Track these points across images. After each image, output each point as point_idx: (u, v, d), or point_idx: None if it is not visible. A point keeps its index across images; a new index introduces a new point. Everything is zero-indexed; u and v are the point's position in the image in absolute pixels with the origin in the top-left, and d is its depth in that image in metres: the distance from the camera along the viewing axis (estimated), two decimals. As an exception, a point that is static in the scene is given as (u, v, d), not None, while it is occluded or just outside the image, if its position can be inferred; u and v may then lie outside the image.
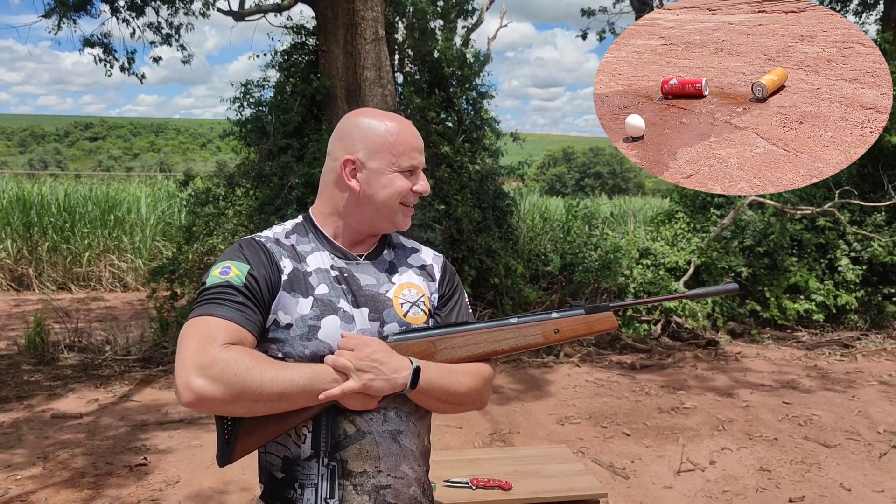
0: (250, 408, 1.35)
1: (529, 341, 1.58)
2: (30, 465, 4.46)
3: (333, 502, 1.44)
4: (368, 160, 1.52)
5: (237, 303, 1.40)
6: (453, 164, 7.59)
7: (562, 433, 5.10)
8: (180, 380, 1.32)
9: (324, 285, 1.50)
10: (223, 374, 1.30)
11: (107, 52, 10.03)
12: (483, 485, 2.48)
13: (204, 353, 1.32)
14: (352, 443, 1.45)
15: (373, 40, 7.48)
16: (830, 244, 8.64)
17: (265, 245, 1.51)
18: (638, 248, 8.64)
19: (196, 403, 1.32)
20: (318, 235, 1.57)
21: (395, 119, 1.56)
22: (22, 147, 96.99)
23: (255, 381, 1.32)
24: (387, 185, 1.52)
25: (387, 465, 1.47)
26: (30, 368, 6.66)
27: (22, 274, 11.74)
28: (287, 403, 1.36)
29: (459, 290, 1.70)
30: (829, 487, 4.18)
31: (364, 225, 1.57)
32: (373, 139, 1.52)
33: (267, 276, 1.46)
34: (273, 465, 1.48)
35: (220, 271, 1.44)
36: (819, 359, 7.25)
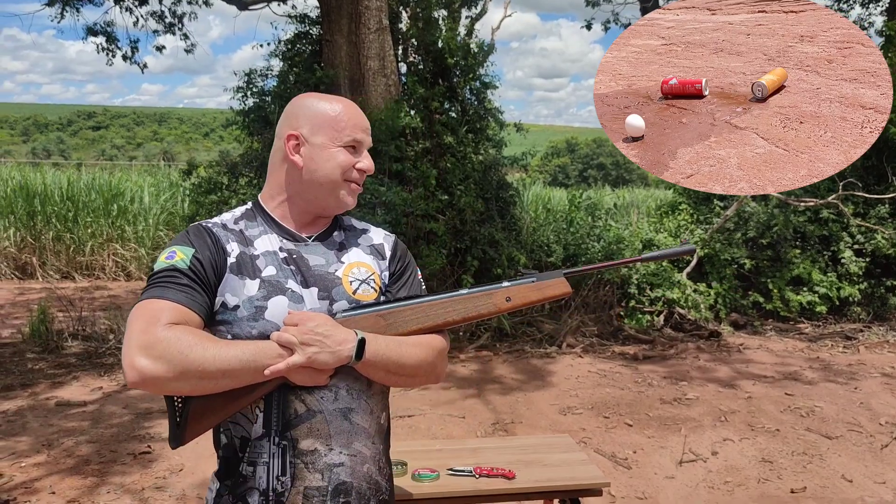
0: (195, 385, 1.37)
1: (481, 311, 1.59)
2: (34, 452, 4.48)
3: (285, 480, 1.45)
4: (311, 135, 1.54)
5: (182, 285, 1.43)
6: (457, 154, 7.58)
7: (564, 423, 5.11)
8: (126, 360, 1.35)
9: (272, 267, 1.52)
10: (166, 353, 1.33)
11: (110, 41, 10.05)
12: (486, 473, 2.49)
13: (147, 334, 1.35)
14: (302, 421, 1.46)
15: (376, 30, 7.46)
16: (834, 236, 8.63)
17: (212, 230, 1.54)
18: (641, 239, 8.63)
19: (141, 383, 1.34)
20: (266, 219, 1.59)
21: (340, 100, 1.59)
22: (25, 136, 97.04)
23: (197, 358, 1.34)
24: (329, 159, 1.54)
25: (339, 443, 1.48)
26: (34, 356, 6.68)
27: (25, 262, 11.76)
28: (232, 380, 1.38)
29: (411, 268, 1.71)
30: (831, 479, 4.19)
31: (310, 204, 1.58)
32: (316, 115, 1.55)
33: (212, 259, 1.48)
34: (229, 444, 1.50)
35: (167, 256, 1.47)
36: (821, 350, 7.26)
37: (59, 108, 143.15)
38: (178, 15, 10.41)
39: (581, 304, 7.88)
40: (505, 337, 7.42)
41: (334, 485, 1.47)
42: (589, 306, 7.93)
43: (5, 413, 5.21)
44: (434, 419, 5.16)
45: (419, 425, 5.03)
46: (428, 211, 7.09)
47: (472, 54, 7.94)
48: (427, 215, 7.11)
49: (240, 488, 1.47)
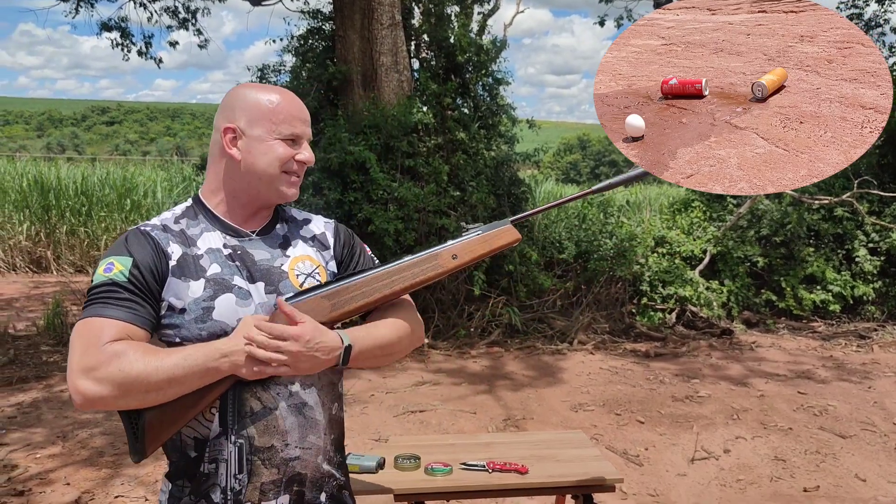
0: (143, 399, 1.36)
1: (428, 273, 1.56)
2: (49, 443, 4.52)
3: (242, 477, 1.45)
4: (249, 128, 1.51)
5: (122, 299, 1.40)
6: (469, 150, 7.57)
7: (575, 420, 5.11)
8: (70, 384, 1.34)
9: (216, 265, 1.50)
10: (109, 373, 1.32)
11: (124, 37, 10.09)
12: (499, 468, 2.49)
13: (87, 356, 1.33)
14: (258, 419, 1.46)
15: (389, 25, 7.46)
16: (848, 234, 8.57)
17: (150, 234, 1.50)
18: (653, 236, 8.61)
19: (87, 405, 1.34)
20: (207, 216, 1.56)
21: (277, 91, 1.55)
22: (40, 131, 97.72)
23: (140, 373, 1.33)
24: (267, 152, 1.51)
25: (294, 438, 1.49)
26: (48, 349, 6.74)
27: (40, 256, 11.85)
28: (179, 387, 1.37)
29: (358, 248, 1.71)
30: (844, 478, 4.17)
31: (251, 197, 1.55)
32: (253, 107, 1.51)
33: (153, 266, 1.45)
34: (186, 445, 1.49)
35: (104, 269, 1.43)
36: (835, 349, 7.21)
37: (74, 104, 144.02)
38: (192, 10, 10.45)
39: (593, 301, 7.86)
40: (516, 333, 7.42)
41: (288, 476, 1.49)
42: (601, 303, 7.92)
43: (20, 405, 5.26)
44: (445, 414, 5.17)
45: (430, 420, 5.04)
46: (440, 207, 7.09)
47: (485, 50, 7.93)
48: (439, 211, 7.11)
49: (202, 486, 1.47)
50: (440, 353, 6.90)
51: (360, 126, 7.10)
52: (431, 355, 6.79)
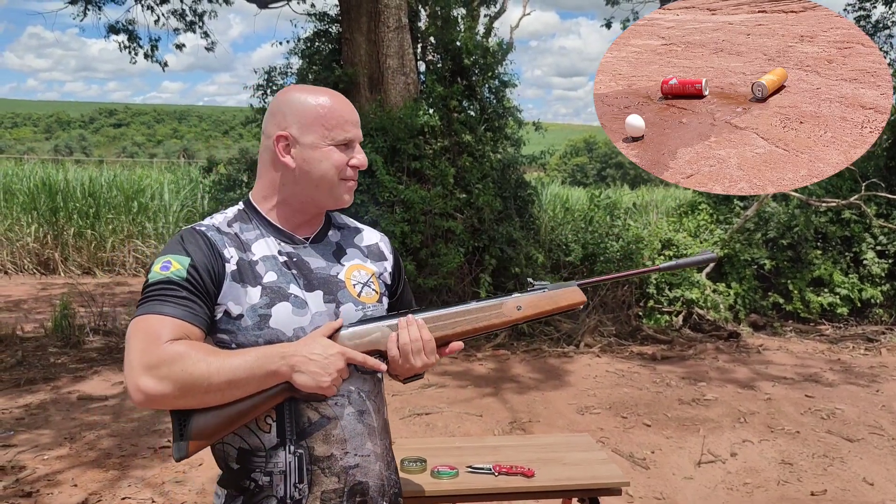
0: (202, 399, 1.35)
1: (492, 321, 1.56)
2: (57, 445, 4.54)
3: (303, 487, 1.45)
4: (301, 135, 1.48)
5: (180, 297, 1.38)
6: (475, 152, 7.58)
7: (582, 423, 5.10)
8: (129, 382, 1.32)
9: (272, 272, 1.48)
10: (170, 372, 1.31)
11: (131, 39, 10.13)
12: (506, 471, 2.49)
13: (149, 353, 1.32)
14: (317, 429, 1.46)
15: (396, 28, 7.47)
16: (856, 237, 8.53)
17: (206, 234, 1.48)
18: (660, 239, 8.59)
19: (147, 403, 1.32)
20: (261, 221, 1.54)
21: (327, 93, 1.52)
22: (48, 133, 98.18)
23: (203, 374, 1.32)
24: (322, 159, 1.48)
25: (353, 446, 1.49)
26: (56, 351, 6.76)
27: (48, 258, 11.91)
28: (238, 390, 1.36)
29: (401, 265, 1.74)
30: (852, 482, 4.15)
31: (306, 204, 1.54)
32: (304, 113, 1.48)
33: (209, 268, 1.43)
34: (229, 456, 1.48)
35: (161, 266, 1.41)
36: (842, 352, 7.19)
37: (82, 106, 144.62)
38: (199, 13, 10.48)
39: (599, 303, 7.85)
40: (522, 336, 7.41)
41: (350, 486, 1.48)
42: (607, 306, 7.91)
43: (28, 406, 5.28)
44: (451, 417, 5.17)
45: (436, 423, 5.04)
46: (446, 209, 7.09)
47: (491, 53, 7.94)
48: (445, 214, 7.12)
49: (256, 497, 1.46)
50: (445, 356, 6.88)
51: (367, 128, 7.11)
52: (437, 358, 6.77)
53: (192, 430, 1.39)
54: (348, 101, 1.55)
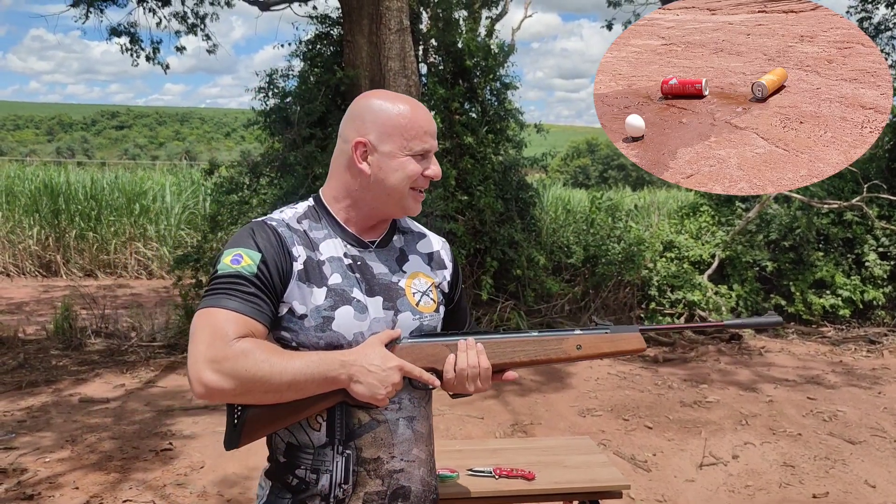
0: (261, 398, 1.36)
1: (550, 355, 1.55)
2: (58, 448, 4.54)
3: (347, 487, 1.46)
4: (380, 143, 1.48)
5: (248, 293, 1.39)
6: (476, 154, 7.57)
7: (583, 425, 5.10)
8: (193, 374, 1.33)
9: (337, 274, 1.48)
10: (234, 369, 1.32)
11: (133, 42, 10.13)
12: (506, 474, 2.49)
13: (215, 348, 1.32)
14: (366, 431, 1.47)
15: (397, 30, 7.47)
16: (858, 239, 8.52)
17: (277, 230, 1.49)
18: (662, 240, 8.59)
19: (207, 396, 1.33)
20: (330, 221, 1.55)
21: (408, 102, 1.52)
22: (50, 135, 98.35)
23: (265, 374, 1.33)
24: (398, 168, 1.48)
25: (400, 451, 1.50)
26: (58, 353, 6.77)
27: (50, 260, 11.92)
28: (297, 392, 1.37)
29: (460, 275, 1.74)
30: (854, 484, 4.15)
31: (375, 210, 1.54)
32: (385, 122, 1.48)
33: (279, 264, 1.44)
34: (277, 449, 1.51)
35: (232, 259, 1.42)
36: (844, 354, 7.18)
37: (84, 108, 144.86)
38: (201, 16, 10.48)
39: (601, 305, 7.85)
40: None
41: (392, 489, 1.50)
42: (609, 308, 7.90)
43: (30, 409, 5.28)
44: (452, 420, 5.16)
45: (437, 426, 5.03)
46: (447, 211, 7.09)
47: (493, 55, 7.94)
48: (447, 216, 7.12)
49: (301, 494, 1.47)
50: (448, 357, 6.88)
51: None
52: (439, 360, 6.78)
53: (246, 423, 1.41)
54: (427, 110, 1.55)
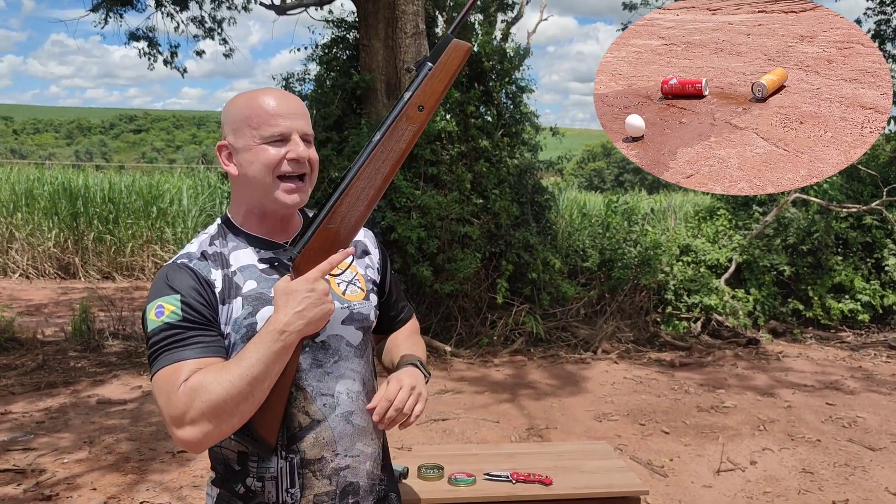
0: (241, 411, 1.33)
1: (407, 139, 1.44)
2: (76, 449, 4.57)
3: (294, 491, 1.45)
4: (235, 140, 1.46)
5: (183, 339, 1.36)
6: (492, 158, 7.57)
7: (599, 430, 5.07)
8: (174, 438, 1.34)
9: (251, 281, 1.46)
10: (197, 411, 1.30)
11: (151, 46, 10.24)
12: (523, 479, 2.48)
13: (171, 405, 1.31)
14: (307, 433, 1.46)
15: (413, 34, 7.49)
16: (877, 243, 8.44)
17: (189, 266, 1.45)
18: (678, 244, 8.54)
19: (198, 448, 1.33)
20: (236, 233, 1.52)
21: (260, 91, 1.48)
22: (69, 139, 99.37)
23: (223, 393, 1.30)
24: (254, 160, 1.43)
25: (343, 447, 1.49)
26: (76, 355, 6.82)
27: (68, 263, 12.03)
28: (265, 382, 1.34)
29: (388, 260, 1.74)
30: (874, 491, 4.10)
31: (262, 209, 1.50)
32: (234, 117, 1.46)
33: (202, 297, 1.41)
34: (229, 458, 1.48)
35: (155, 313, 1.39)
36: (864, 360, 7.10)
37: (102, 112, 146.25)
38: (218, 20, 10.57)
39: (617, 309, 7.81)
40: (539, 342, 7.38)
41: (342, 487, 1.49)
42: (625, 312, 7.86)
43: (48, 410, 5.33)
44: (468, 423, 5.15)
45: (453, 429, 5.03)
46: (463, 215, 7.09)
47: (508, 58, 7.94)
48: (462, 219, 7.11)
49: (249, 502, 1.46)
50: (463, 361, 6.88)
51: (384, 134, 7.12)
52: (454, 363, 6.78)
53: (257, 427, 1.40)
54: (286, 93, 1.49)
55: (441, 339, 7.19)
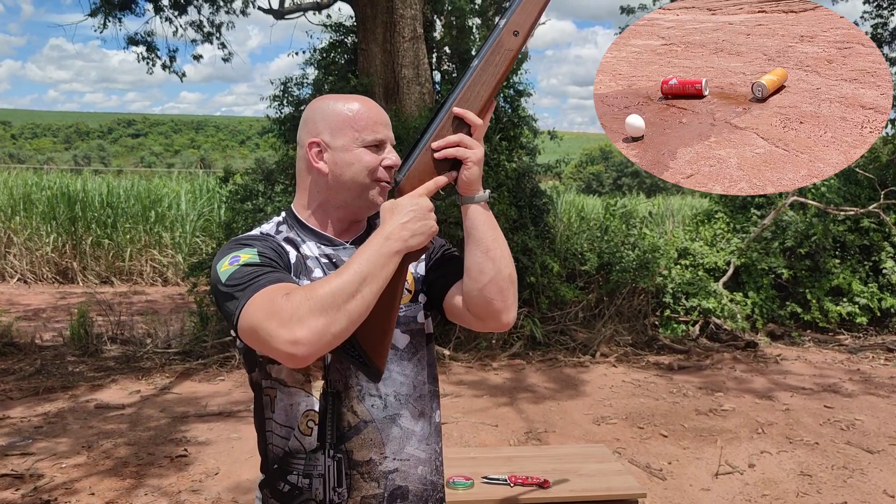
0: (348, 310, 1.27)
1: (504, 63, 1.48)
2: (74, 453, 4.57)
3: (342, 491, 1.45)
4: (333, 139, 1.49)
5: (267, 271, 1.35)
6: (490, 162, 7.58)
7: (598, 433, 5.07)
8: (280, 347, 1.25)
9: (318, 270, 1.49)
10: (305, 310, 1.25)
11: (150, 51, 10.24)
12: (521, 482, 2.48)
13: (276, 313, 1.26)
14: (356, 433, 1.46)
15: (411, 38, 7.51)
16: (875, 246, 8.45)
17: (262, 234, 1.51)
18: (676, 247, 8.55)
19: (308, 349, 1.25)
20: (301, 228, 1.55)
21: (356, 98, 1.53)
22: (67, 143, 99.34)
23: (332, 287, 1.27)
24: (354, 161, 1.48)
25: (391, 450, 1.48)
26: (74, 360, 6.82)
27: (66, 267, 12.04)
28: (374, 284, 1.31)
29: (441, 245, 1.70)
30: (873, 494, 4.10)
31: (343, 210, 1.53)
32: (334, 118, 1.49)
33: (277, 252, 1.43)
34: (272, 457, 1.49)
35: (230, 262, 1.38)
36: (862, 363, 7.11)
37: (101, 116, 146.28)
38: (216, 24, 10.57)
39: (615, 313, 7.82)
40: (538, 345, 7.39)
41: (390, 490, 1.48)
42: (623, 315, 7.87)
43: (46, 415, 5.32)
44: (466, 427, 5.15)
45: (451, 433, 5.02)
46: (461, 218, 7.09)
47: (506, 62, 7.93)
48: (460, 223, 7.11)
49: (295, 500, 1.46)
50: (461, 365, 6.88)
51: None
52: (452, 367, 6.78)
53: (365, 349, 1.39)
54: (377, 104, 1.56)
55: (439, 342, 7.19)
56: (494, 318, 1.51)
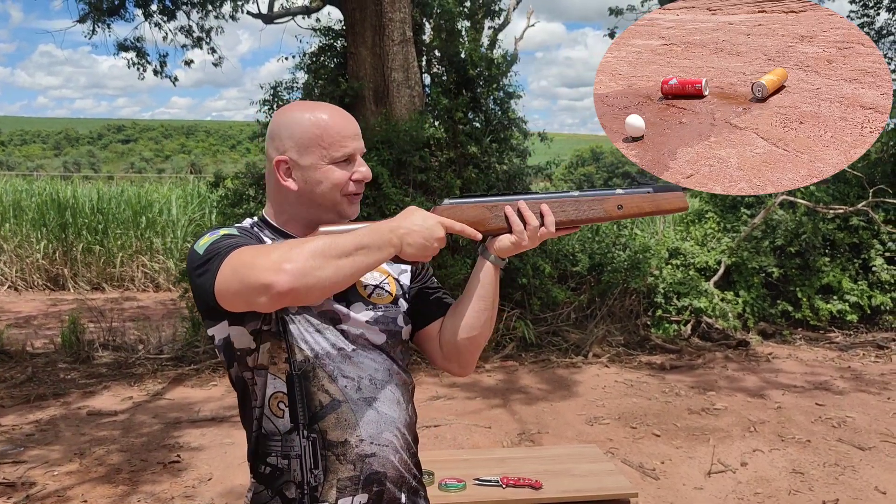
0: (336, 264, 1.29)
1: (590, 215, 1.53)
2: (66, 461, 4.55)
3: (318, 472, 1.45)
4: (300, 157, 1.48)
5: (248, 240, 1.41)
6: (480, 164, 7.59)
7: (591, 433, 5.08)
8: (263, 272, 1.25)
9: None
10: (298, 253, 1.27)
11: (140, 56, 10.21)
12: (513, 483, 2.49)
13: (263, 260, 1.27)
14: (329, 412, 1.45)
15: (400, 42, 7.51)
16: (864, 244, 8.50)
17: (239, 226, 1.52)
18: (667, 247, 8.57)
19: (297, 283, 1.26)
20: (274, 231, 1.56)
21: (323, 109, 1.51)
22: (57, 150, 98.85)
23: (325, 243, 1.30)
24: (322, 179, 1.48)
25: (368, 433, 1.47)
26: (66, 367, 6.79)
27: (57, 274, 11.97)
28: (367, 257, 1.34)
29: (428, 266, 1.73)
30: (864, 490, 4.13)
31: (313, 221, 1.53)
32: (300, 134, 1.48)
33: (257, 240, 1.47)
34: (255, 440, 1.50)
35: (209, 235, 1.43)
36: (853, 360, 7.15)
37: (90, 122, 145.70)
38: (206, 29, 10.54)
39: (607, 313, 7.84)
40: (530, 347, 7.40)
41: (366, 474, 1.48)
42: (615, 315, 7.89)
43: (38, 422, 5.30)
44: (459, 429, 5.16)
45: (444, 435, 5.03)
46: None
47: (496, 64, 7.97)
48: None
49: (277, 482, 1.47)
50: (454, 367, 6.88)
51: (373, 141, 7.14)
52: (445, 369, 6.77)
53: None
54: (346, 112, 1.54)
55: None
56: (461, 365, 1.62)
